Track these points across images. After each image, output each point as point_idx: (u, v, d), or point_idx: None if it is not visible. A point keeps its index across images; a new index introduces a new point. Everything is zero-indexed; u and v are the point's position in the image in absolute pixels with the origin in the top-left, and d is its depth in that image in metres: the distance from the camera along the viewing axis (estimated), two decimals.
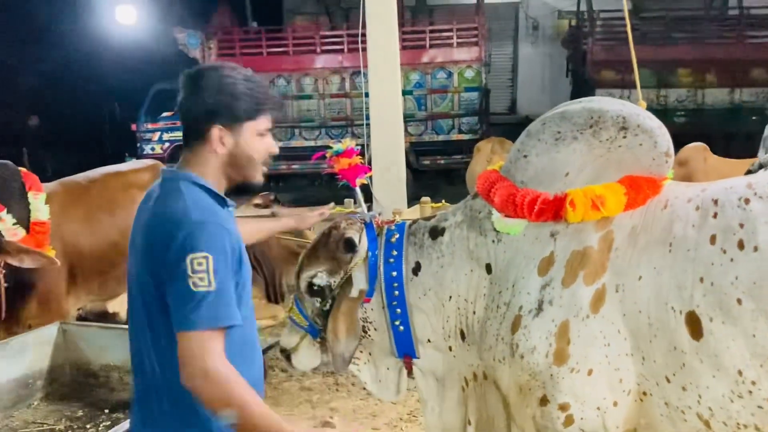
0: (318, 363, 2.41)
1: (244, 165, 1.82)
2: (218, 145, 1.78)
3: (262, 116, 1.82)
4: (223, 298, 1.66)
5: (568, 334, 1.82)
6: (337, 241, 2.22)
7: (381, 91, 6.56)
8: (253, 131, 1.80)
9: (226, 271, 1.67)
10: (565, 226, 1.87)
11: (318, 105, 13.74)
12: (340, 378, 4.56)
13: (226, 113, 1.77)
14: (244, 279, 1.81)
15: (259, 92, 1.81)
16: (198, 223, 1.68)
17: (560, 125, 1.89)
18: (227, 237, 1.70)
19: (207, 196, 1.78)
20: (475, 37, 13.37)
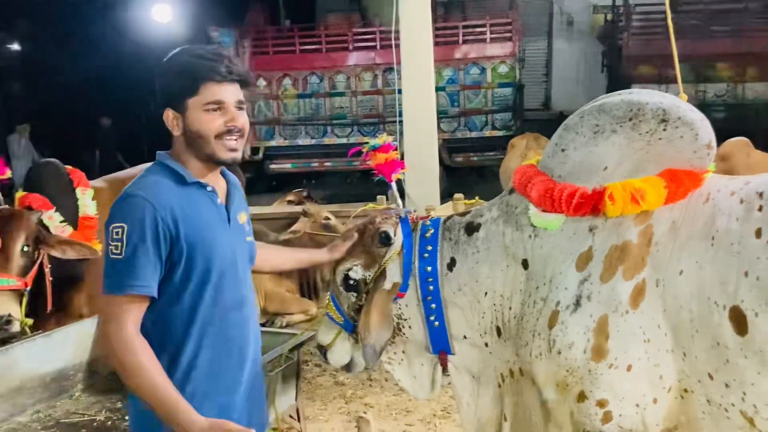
0: (350, 361, 2.41)
1: (197, 143, 1.82)
2: (173, 127, 1.82)
3: (204, 89, 1.79)
4: (130, 267, 1.71)
5: (606, 329, 1.80)
6: (372, 234, 2.24)
7: (414, 88, 6.55)
8: (197, 106, 1.79)
9: (140, 241, 1.71)
10: (603, 220, 1.85)
11: (350, 102, 13.77)
12: (373, 373, 4.57)
13: (168, 95, 1.81)
14: (203, 270, 1.80)
15: (197, 65, 1.79)
16: (124, 196, 1.77)
17: (599, 118, 1.86)
18: (149, 210, 1.72)
19: (165, 175, 1.82)
20: (509, 32, 13.26)
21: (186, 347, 1.81)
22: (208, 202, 1.86)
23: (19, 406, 3.09)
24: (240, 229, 1.96)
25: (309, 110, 13.91)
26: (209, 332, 1.83)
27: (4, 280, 2.84)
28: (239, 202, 2.00)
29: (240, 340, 1.92)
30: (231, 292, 1.87)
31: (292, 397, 3.14)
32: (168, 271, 1.78)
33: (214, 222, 1.86)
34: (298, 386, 3.16)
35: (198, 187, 1.84)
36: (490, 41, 13.29)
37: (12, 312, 2.80)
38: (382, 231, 2.21)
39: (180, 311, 1.80)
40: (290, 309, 5.91)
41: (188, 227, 1.77)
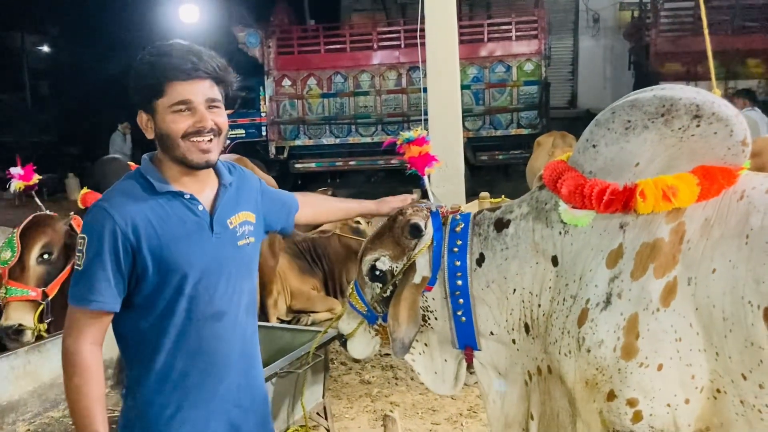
0: (370, 352, 2.42)
1: (169, 146, 1.75)
2: (147, 130, 1.77)
3: (169, 89, 1.71)
4: (86, 280, 1.69)
5: (637, 327, 1.77)
6: (402, 226, 2.23)
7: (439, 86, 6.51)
8: (164, 108, 1.72)
9: (97, 255, 1.68)
10: (634, 217, 1.82)
11: (375, 101, 13.80)
12: (399, 372, 4.58)
13: (138, 99, 1.75)
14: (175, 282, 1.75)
15: (159, 65, 1.71)
16: (92, 207, 1.75)
17: (630, 114, 1.83)
18: (109, 222, 1.68)
19: (137, 184, 1.77)
20: (535, 30, 13.20)
21: (159, 358, 1.78)
22: (185, 211, 1.78)
23: (51, 402, 3.15)
24: (230, 234, 1.85)
25: (333, 109, 13.98)
26: (183, 344, 1.78)
27: (18, 291, 2.89)
28: (233, 205, 1.89)
29: (217, 353, 1.83)
30: (208, 303, 1.80)
31: (320, 395, 3.15)
32: (136, 283, 1.73)
33: (190, 231, 1.77)
34: (325, 384, 3.17)
35: (171, 197, 1.77)
36: (515, 39, 13.25)
37: (23, 321, 2.85)
38: (413, 223, 2.20)
39: (152, 322, 1.76)
40: (315, 307, 5.93)
41: (153, 240, 1.71)
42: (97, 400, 1.68)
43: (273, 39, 13.85)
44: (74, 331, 1.69)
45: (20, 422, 3.03)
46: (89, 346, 1.69)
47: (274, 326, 3.74)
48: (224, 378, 1.86)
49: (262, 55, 13.80)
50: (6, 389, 2.99)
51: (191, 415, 1.82)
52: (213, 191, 1.86)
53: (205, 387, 1.83)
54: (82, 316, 1.69)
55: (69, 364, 1.68)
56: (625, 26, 15.76)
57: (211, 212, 1.83)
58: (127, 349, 1.81)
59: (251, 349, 1.97)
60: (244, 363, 1.93)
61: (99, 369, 1.70)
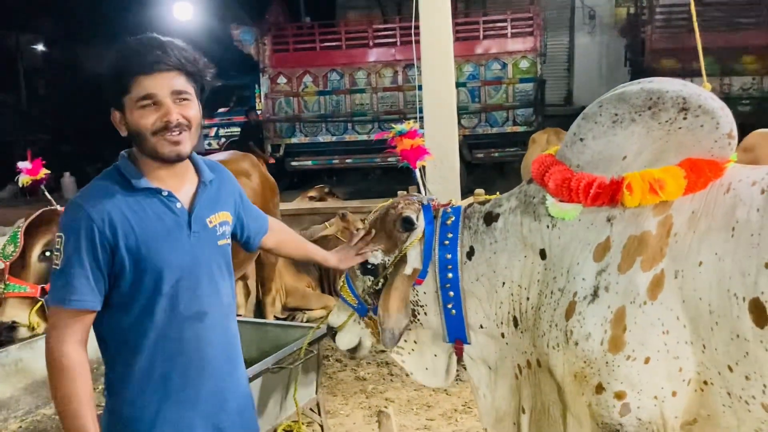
0: (358, 344, 2.40)
1: (139, 141, 1.72)
2: (120, 128, 1.74)
3: (134, 85, 1.67)
4: (64, 279, 1.66)
5: (624, 320, 1.78)
6: (394, 219, 2.24)
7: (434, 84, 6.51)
8: (131, 104, 1.69)
9: (75, 253, 1.65)
10: (621, 210, 1.83)
11: (371, 99, 13.77)
12: (394, 368, 4.58)
13: (108, 96, 1.72)
14: (152, 281, 1.73)
15: (123, 60, 1.68)
16: (68, 205, 1.74)
17: (618, 107, 1.84)
18: (85, 220, 1.66)
19: (114, 181, 1.74)
20: (530, 27, 13.17)
21: (139, 358, 1.75)
22: (163, 209, 1.75)
23: (43, 399, 3.15)
24: (208, 233, 1.83)
25: (329, 107, 13.95)
26: (164, 344, 1.76)
27: (17, 287, 2.88)
28: (212, 203, 1.86)
29: (198, 353, 1.81)
30: (188, 303, 1.77)
31: (313, 390, 3.15)
32: (114, 281, 1.71)
33: (169, 230, 1.75)
34: (318, 380, 3.17)
35: (149, 194, 1.74)
36: (511, 36, 13.22)
37: (18, 319, 2.84)
38: (406, 216, 2.21)
39: (131, 321, 1.74)
40: (310, 304, 5.94)
41: (130, 237, 1.69)
42: (86, 401, 1.65)
43: (268, 36, 13.80)
44: (57, 332, 1.66)
45: (12, 419, 3.03)
46: (73, 346, 1.66)
47: (266, 322, 3.75)
48: (207, 380, 1.83)
49: (258, 53, 13.76)
50: None
51: (174, 417, 1.79)
52: (192, 188, 1.83)
53: (187, 388, 1.81)
54: (64, 315, 1.67)
55: (54, 365, 1.65)
56: (621, 23, 15.74)
57: (189, 210, 1.80)
58: (108, 350, 1.79)
59: (233, 350, 1.94)
60: (228, 365, 1.90)
61: (85, 369, 1.67)
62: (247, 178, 4.50)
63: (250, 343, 2.99)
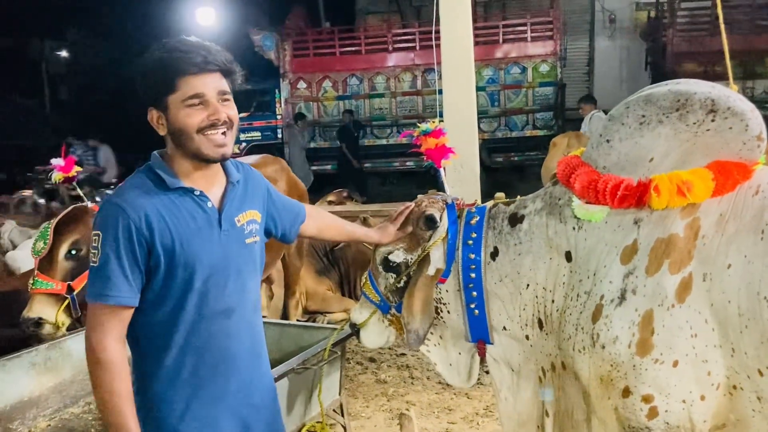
0: (383, 342, 2.43)
1: (181, 141, 1.76)
2: (158, 127, 1.77)
3: (181, 84, 1.71)
4: (103, 276, 1.69)
5: (651, 324, 1.77)
6: (417, 217, 2.25)
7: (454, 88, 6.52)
8: (177, 103, 1.73)
9: (113, 250, 1.68)
10: (649, 213, 1.82)
11: (390, 103, 13.82)
12: (415, 371, 4.58)
13: (148, 95, 1.74)
14: (184, 278, 1.76)
15: (170, 60, 1.71)
16: (104, 203, 1.76)
17: (645, 109, 1.83)
18: (123, 218, 1.69)
19: (148, 180, 1.78)
20: (550, 30, 13.15)
21: (169, 354, 1.79)
22: (195, 207, 1.79)
23: (71, 398, 3.19)
24: (237, 232, 1.87)
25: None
26: (193, 340, 1.79)
27: (44, 283, 2.90)
28: (240, 202, 1.90)
29: (227, 350, 1.85)
30: (217, 299, 1.81)
31: (336, 392, 3.16)
32: (148, 278, 1.75)
33: (201, 228, 1.78)
34: (341, 381, 3.18)
35: (182, 193, 1.78)
36: (531, 40, 13.21)
37: (44, 315, 2.86)
38: (429, 214, 2.22)
39: (163, 318, 1.77)
40: (331, 308, 5.96)
41: (165, 234, 1.72)
42: (126, 396, 1.69)
43: (288, 42, 13.90)
44: (97, 328, 1.70)
45: (41, 418, 3.07)
46: (113, 343, 1.70)
47: (289, 323, 3.76)
48: (234, 375, 1.87)
49: (278, 58, 13.86)
50: (27, 385, 3.03)
51: (202, 412, 1.82)
52: (221, 188, 1.87)
53: (215, 384, 1.84)
54: (102, 312, 1.70)
55: (95, 361, 1.68)
56: (641, 26, 15.64)
57: (219, 209, 1.84)
58: (138, 346, 1.81)
59: (259, 346, 1.98)
60: (253, 360, 1.94)
61: (125, 365, 1.71)
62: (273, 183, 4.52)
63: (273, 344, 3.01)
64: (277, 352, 3.09)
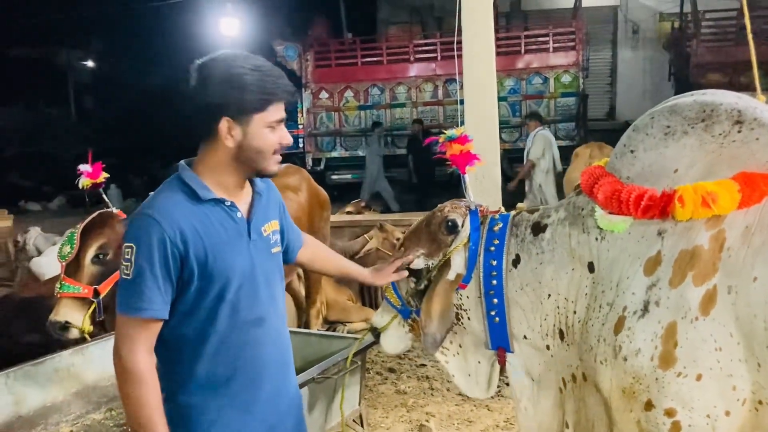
0: (403, 347, 2.44)
1: (253, 158, 1.79)
2: (227, 137, 1.76)
3: (271, 107, 1.77)
4: (136, 289, 1.70)
5: (675, 336, 1.75)
6: (439, 222, 2.25)
7: (476, 98, 6.51)
8: (261, 123, 1.76)
9: (147, 263, 1.69)
10: (673, 224, 1.80)
11: (411, 113, 13.84)
12: (435, 382, 4.56)
13: (233, 105, 1.74)
14: (217, 288, 1.77)
15: (267, 82, 1.76)
16: (137, 215, 1.76)
17: (670, 119, 1.82)
18: (157, 230, 1.70)
19: (179, 191, 1.78)
20: (573, 41, 13.11)
21: (200, 363, 1.80)
22: (226, 218, 1.81)
23: (93, 404, 3.22)
24: (264, 242, 1.90)
25: (370, 121, 14.05)
26: (225, 350, 1.81)
27: (71, 287, 2.93)
28: (265, 213, 1.93)
29: (258, 358, 1.87)
30: (249, 309, 1.83)
31: (356, 402, 3.16)
32: (181, 290, 1.76)
33: (231, 238, 1.81)
34: (361, 391, 3.18)
35: (214, 203, 1.79)
36: (553, 50, 13.17)
37: (71, 319, 2.88)
38: (451, 219, 2.23)
39: (194, 328, 1.79)
40: (351, 317, 5.96)
41: (199, 246, 1.74)
42: (157, 408, 1.70)
43: (311, 52, 14.01)
44: (127, 341, 1.71)
45: (63, 423, 3.10)
46: (143, 355, 1.71)
47: (310, 332, 3.77)
48: (264, 384, 1.89)
49: (300, 68, 13.96)
50: (50, 390, 3.07)
51: (233, 420, 1.84)
52: (248, 199, 1.90)
53: (245, 392, 1.85)
54: (134, 324, 1.71)
55: (126, 373, 1.69)
56: (665, 37, 15.55)
57: (248, 219, 1.87)
58: (169, 356, 1.82)
59: (287, 354, 2.01)
60: (282, 368, 1.97)
61: (155, 376, 1.72)
62: (294, 192, 4.54)
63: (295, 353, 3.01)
64: (299, 361, 3.08)
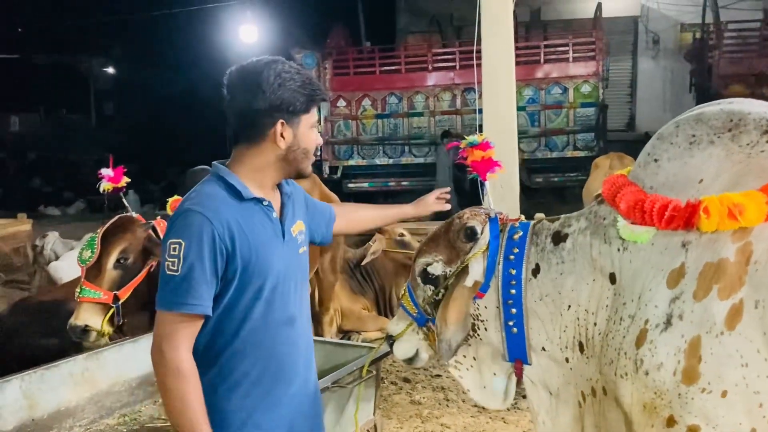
0: (415, 354, 2.39)
1: (299, 158, 1.86)
2: (279, 139, 1.81)
3: (313, 109, 1.86)
4: (185, 285, 1.69)
5: (699, 351, 1.70)
6: (458, 229, 2.22)
7: (495, 107, 6.50)
8: (307, 124, 1.85)
9: (198, 259, 1.69)
10: (697, 235, 1.76)
11: (428, 122, 13.83)
12: (450, 393, 4.52)
13: (286, 108, 1.79)
14: (255, 286, 1.79)
15: (311, 85, 1.83)
16: (183, 211, 1.76)
17: (696, 128, 1.78)
18: (207, 227, 1.71)
19: (222, 189, 1.80)
20: (592, 51, 13.05)
21: (233, 362, 1.81)
22: (264, 218, 1.84)
23: (106, 409, 3.22)
24: (293, 242, 1.94)
25: (387, 130, 14.05)
26: (257, 348, 1.82)
27: (91, 292, 2.94)
28: (293, 214, 1.97)
29: (288, 357, 1.89)
30: (282, 308, 1.86)
31: (371, 411, 3.13)
32: (223, 286, 1.77)
33: (269, 237, 1.84)
34: (376, 401, 3.14)
35: (255, 203, 1.83)
36: (572, 60, 13.11)
37: (90, 323, 2.89)
38: (470, 226, 2.20)
39: (230, 325, 1.80)
40: (366, 327, 5.92)
41: (244, 244, 1.76)
42: (200, 405, 1.71)
43: (329, 60, 14.05)
44: (171, 338, 1.70)
45: (77, 428, 3.10)
46: (187, 352, 1.72)
47: (325, 340, 3.75)
48: (292, 384, 1.91)
49: (318, 77, 14.00)
50: (64, 395, 3.07)
51: (263, 421, 1.85)
52: (278, 200, 1.94)
53: (274, 392, 1.87)
54: (179, 321, 1.71)
55: (171, 372, 1.69)
56: (686, 48, 15.43)
57: (280, 219, 1.91)
58: (204, 353, 1.81)
59: (312, 355, 2.04)
60: (307, 369, 1.99)
61: (197, 373, 1.73)
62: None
63: None
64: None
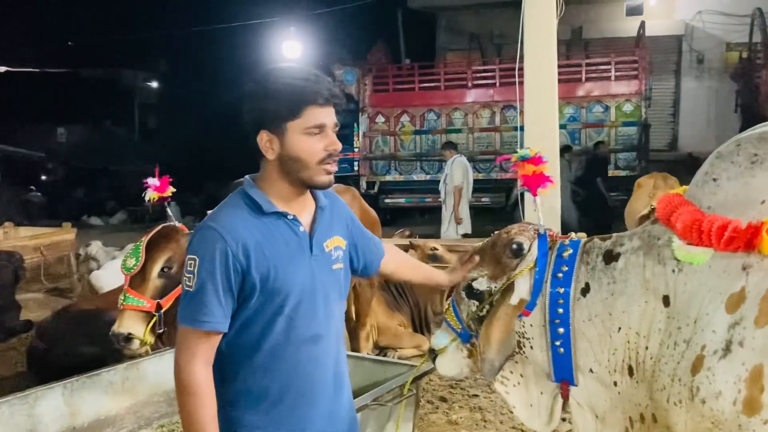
0: (458, 371, 2.35)
1: (294, 167, 1.77)
2: (268, 150, 1.77)
3: (306, 112, 1.74)
4: (198, 301, 1.70)
5: (761, 380, 1.62)
6: (504, 244, 2.17)
7: (537, 125, 6.43)
8: (298, 130, 1.74)
9: (209, 276, 1.69)
10: (759, 259, 1.68)
11: (467, 139, 13.80)
12: (488, 413, 4.43)
13: (267, 117, 1.74)
14: (276, 302, 1.76)
15: (299, 88, 1.74)
16: (200, 228, 1.76)
17: (758, 147, 1.71)
18: (221, 244, 1.69)
19: (243, 205, 1.79)
20: (635, 70, 12.90)
21: (254, 378, 1.79)
22: (288, 232, 1.80)
23: (145, 419, 3.22)
24: (325, 257, 1.88)
25: (425, 146, 14.07)
26: (280, 366, 1.79)
27: (134, 300, 2.95)
28: (329, 228, 1.92)
29: (314, 376, 1.85)
30: (306, 326, 1.81)
31: (409, 431, 3.07)
32: (241, 303, 1.76)
33: (293, 252, 1.80)
34: (415, 421, 3.09)
35: (277, 217, 1.79)
36: (614, 79, 12.97)
37: (133, 331, 2.90)
38: (516, 242, 2.14)
39: (250, 341, 1.78)
40: (402, 343, 5.87)
41: (261, 260, 1.74)
42: (211, 421, 1.70)
43: (369, 77, 14.15)
44: (187, 352, 1.72)
45: None
46: (201, 367, 1.71)
47: (364, 357, 3.71)
48: (317, 403, 1.86)
49: (358, 92, 14.11)
50: (104, 404, 3.08)
51: None
52: (311, 213, 1.89)
53: (298, 411, 1.83)
54: (194, 336, 1.72)
55: (183, 384, 1.71)
56: (731, 67, 15.16)
57: (310, 234, 1.86)
58: (223, 369, 1.81)
59: (343, 375, 1.97)
60: (337, 389, 1.93)
61: (211, 390, 1.72)
62: None
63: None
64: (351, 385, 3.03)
